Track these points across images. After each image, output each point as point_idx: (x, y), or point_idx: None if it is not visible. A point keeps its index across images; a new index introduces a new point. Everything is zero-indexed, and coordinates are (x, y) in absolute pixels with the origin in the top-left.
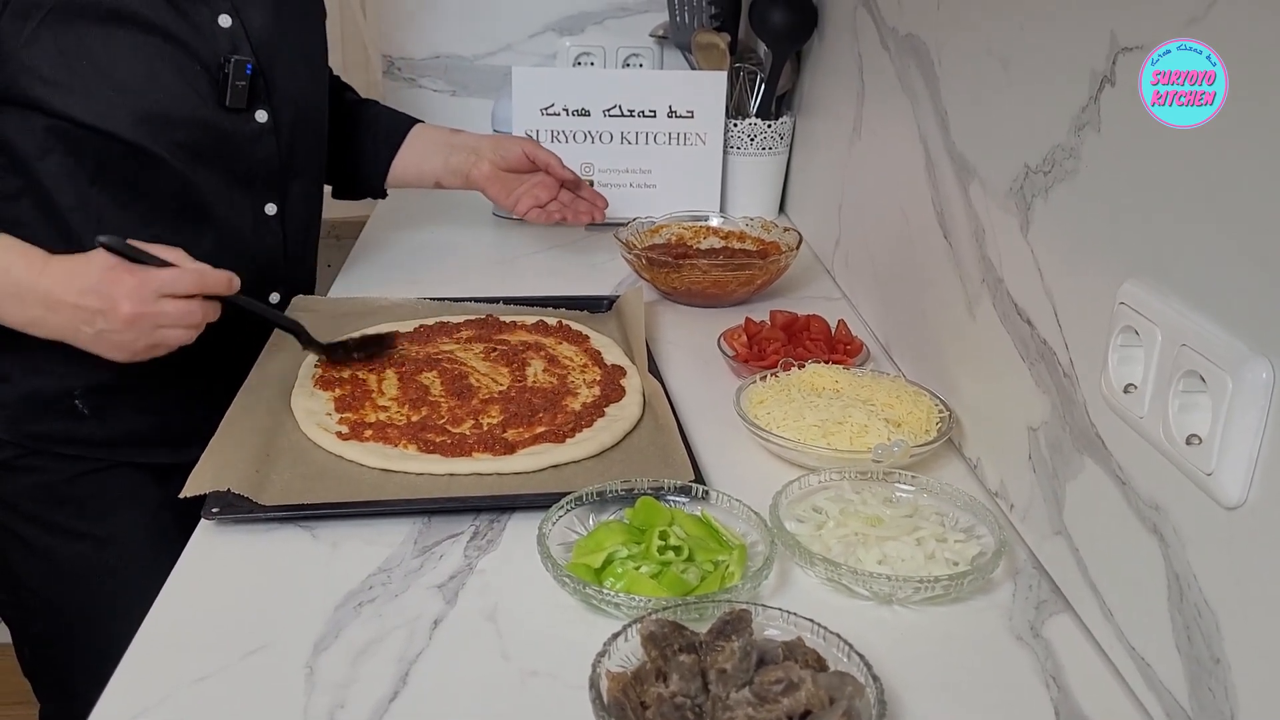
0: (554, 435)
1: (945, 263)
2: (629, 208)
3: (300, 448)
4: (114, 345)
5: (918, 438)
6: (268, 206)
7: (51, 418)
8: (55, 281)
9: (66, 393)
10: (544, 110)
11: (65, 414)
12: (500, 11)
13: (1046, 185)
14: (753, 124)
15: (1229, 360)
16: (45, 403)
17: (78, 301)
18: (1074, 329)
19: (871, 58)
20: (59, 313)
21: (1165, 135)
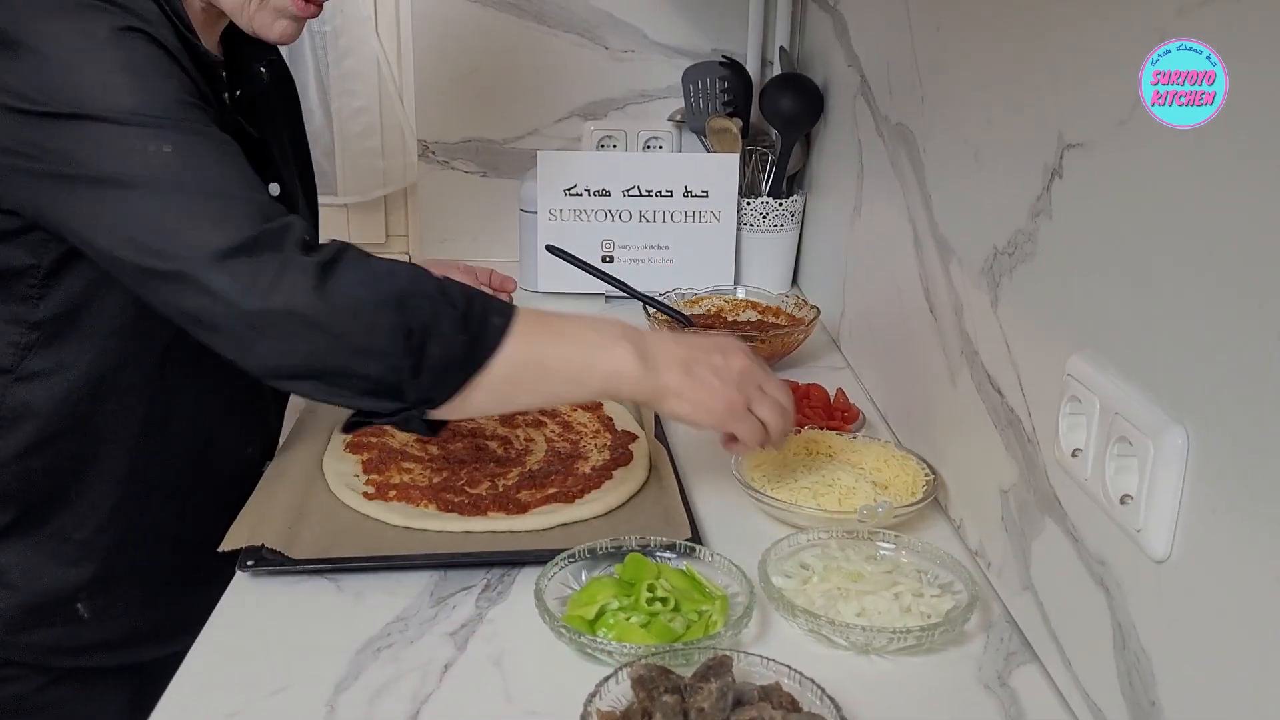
0: (564, 496)
1: (931, 335)
2: (647, 282)
3: (329, 506)
4: (713, 390)
5: (903, 499)
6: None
7: (49, 625)
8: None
9: (71, 597)
10: (567, 190)
11: (65, 620)
12: (528, 98)
13: (1011, 266)
14: (765, 202)
15: (1151, 427)
16: (47, 610)
17: (696, 342)
18: (1035, 398)
19: (869, 143)
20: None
21: (1106, 223)
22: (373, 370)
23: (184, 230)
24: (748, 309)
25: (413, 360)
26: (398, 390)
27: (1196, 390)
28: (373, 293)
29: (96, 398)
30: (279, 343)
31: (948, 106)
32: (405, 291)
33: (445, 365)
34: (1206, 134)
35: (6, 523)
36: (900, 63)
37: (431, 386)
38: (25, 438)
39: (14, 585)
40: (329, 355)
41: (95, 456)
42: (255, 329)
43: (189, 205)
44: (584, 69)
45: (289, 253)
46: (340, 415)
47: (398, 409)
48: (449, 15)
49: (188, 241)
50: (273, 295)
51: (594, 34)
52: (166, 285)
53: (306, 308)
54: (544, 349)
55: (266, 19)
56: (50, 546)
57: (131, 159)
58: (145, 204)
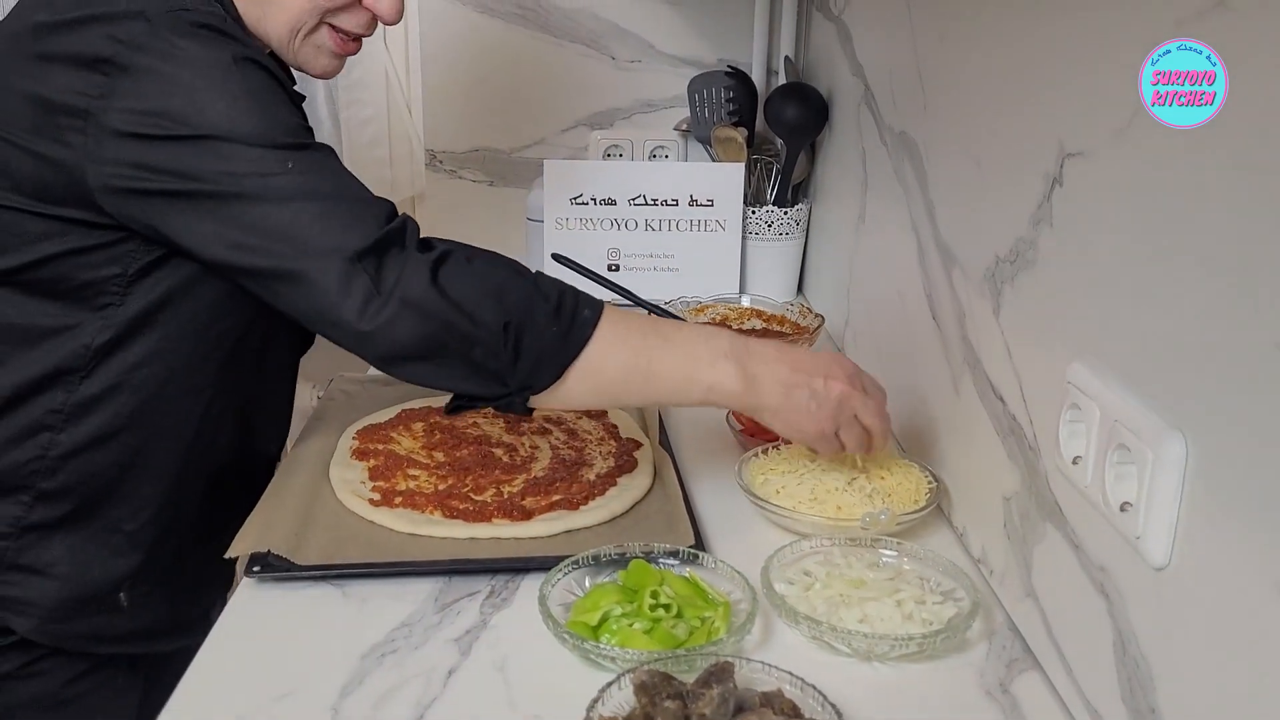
0: (568, 503)
1: (935, 343)
2: (653, 290)
3: (336, 513)
4: (808, 414)
5: (905, 507)
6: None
7: (93, 615)
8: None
9: (115, 587)
10: (573, 200)
11: (108, 609)
12: (535, 108)
13: (1013, 274)
14: (770, 211)
15: (1150, 434)
16: (92, 600)
17: (801, 362)
18: (1036, 405)
19: (873, 151)
20: (775, 368)
21: (1106, 231)
22: (478, 356)
23: (317, 235)
24: (753, 317)
25: (512, 349)
26: (500, 376)
27: (1195, 398)
28: (478, 286)
29: (161, 397)
30: (399, 331)
31: (950, 115)
32: (504, 285)
33: (540, 354)
34: (1204, 143)
35: (61, 515)
36: (903, 72)
37: (530, 374)
38: (89, 433)
39: (63, 577)
40: (442, 341)
41: (152, 451)
42: (379, 322)
43: (319, 212)
44: (590, 79)
45: (409, 250)
46: (345, 420)
47: (501, 393)
48: (457, 26)
49: (322, 245)
50: (398, 288)
51: (600, 44)
52: (297, 288)
53: (424, 299)
54: (653, 354)
55: (309, 54)
56: (102, 538)
57: (260, 175)
58: (277, 213)
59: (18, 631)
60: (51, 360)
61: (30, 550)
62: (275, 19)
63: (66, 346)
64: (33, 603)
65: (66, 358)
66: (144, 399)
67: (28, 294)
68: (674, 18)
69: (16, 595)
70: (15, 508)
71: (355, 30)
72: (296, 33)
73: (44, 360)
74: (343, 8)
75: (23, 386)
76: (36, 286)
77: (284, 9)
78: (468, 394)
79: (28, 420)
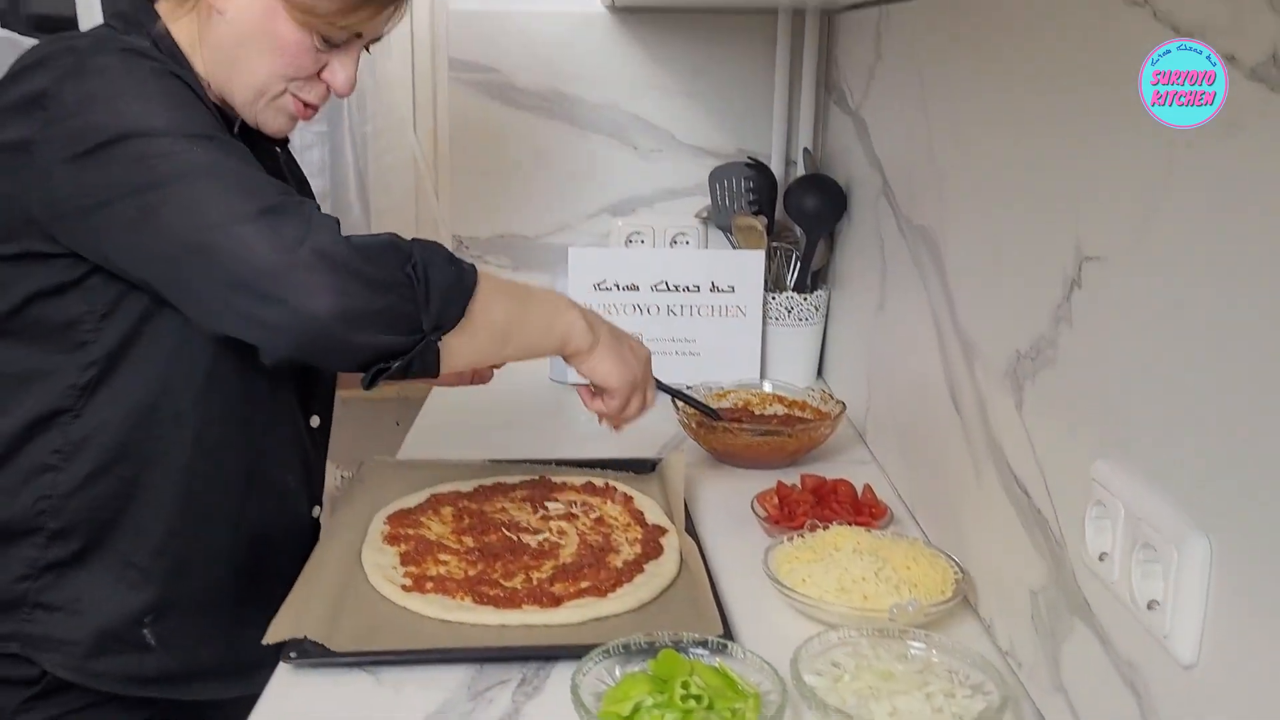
0: (597, 590)
1: (956, 432)
2: (675, 375)
3: (368, 598)
4: (629, 364)
5: (932, 598)
6: (312, 419)
7: (120, 652)
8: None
9: (137, 622)
10: (597, 286)
11: (134, 647)
12: (559, 195)
13: (1034, 370)
14: (790, 297)
15: (1174, 534)
16: (116, 636)
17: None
18: (1061, 500)
19: (891, 241)
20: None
21: (1126, 333)
22: (393, 300)
23: (218, 204)
24: (774, 402)
25: (422, 287)
26: (414, 319)
27: (1219, 498)
28: (377, 240)
29: (147, 424)
30: (314, 282)
31: (968, 211)
32: (396, 240)
33: (446, 289)
34: (1217, 259)
35: (74, 551)
36: (920, 167)
37: (440, 312)
38: (86, 467)
39: (85, 612)
40: (357, 290)
41: (148, 481)
42: (291, 274)
43: (220, 186)
44: (614, 167)
45: (311, 210)
46: (375, 503)
47: (417, 340)
48: (484, 116)
49: (223, 211)
50: (307, 240)
51: (624, 135)
52: (211, 266)
53: (333, 249)
54: (523, 300)
55: (269, 116)
56: (116, 572)
57: (167, 161)
58: (187, 192)
59: (49, 669)
60: (44, 403)
61: (51, 589)
62: (241, 82)
63: (55, 388)
64: (61, 639)
65: (56, 399)
66: (131, 430)
67: (12, 342)
68: (695, 110)
69: (44, 633)
70: (31, 549)
71: (313, 100)
72: (261, 96)
73: (37, 404)
74: (304, 80)
75: (22, 431)
76: (18, 333)
77: (251, 75)
78: (386, 348)
79: (30, 463)
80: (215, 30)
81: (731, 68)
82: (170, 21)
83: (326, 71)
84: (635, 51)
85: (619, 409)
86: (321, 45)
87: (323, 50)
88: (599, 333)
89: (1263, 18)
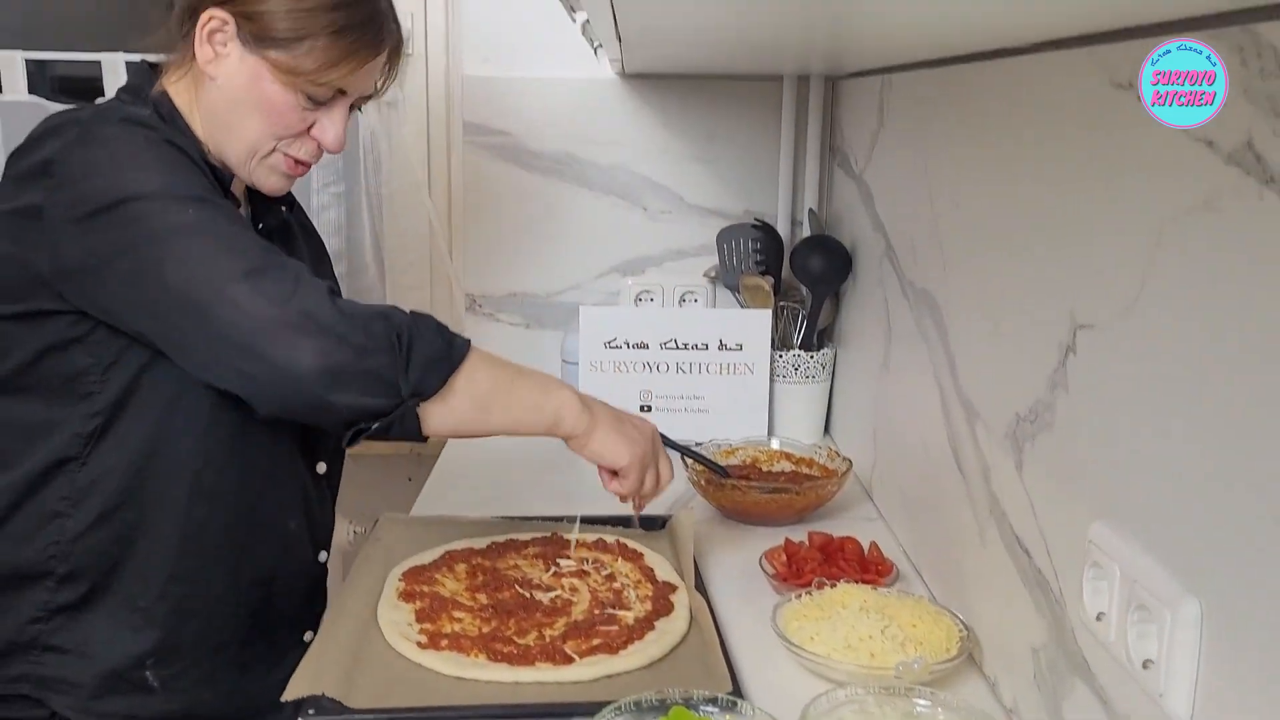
0: (608, 647)
1: (960, 492)
2: (684, 431)
3: (385, 655)
4: (633, 440)
5: (938, 656)
6: (319, 465)
7: (123, 693)
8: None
9: (139, 664)
10: (607, 344)
11: (137, 688)
12: (570, 255)
13: (1033, 433)
14: (796, 355)
15: (1167, 597)
16: (120, 677)
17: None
18: (1060, 561)
19: (895, 303)
20: (606, 405)
21: (1120, 399)
22: (373, 364)
23: (209, 264)
24: (782, 459)
25: (405, 356)
26: (394, 384)
27: (1208, 563)
28: (368, 308)
29: (149, 470)
30: (298, 343)
31: (968, 277)
32: (390, 310)
33: (429, 360)
34: (1202, 329)
35: (82, 595)
36: (922, 232)
37: (420, 379)
38: (92, 513)
39: (92, 655)
40: (339, 353)
41: (150, 525)
42: (276, 332)
43: (211, 246)
44: (623, 228)
45: (301, 272)
46: (391, 560)
47: (395, 404)
48: (497, 178)
49: (214, 270)
50: (293, 301)
51: (634, 196)
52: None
53: (322, 312)
54: (512, 378)
55: (263, 175)
56: (121, 615)
57: (161, 221)
58: (176, 253)
59: (57, 710)
60: (53, 452)
61: (61, 631)
62: (235, 143)
63: (63, 437)
64: (70, 681)
65: (64, 448)
66: (133, 476)
67: (24, 396)
68: (703, 173)
69: (54, 675)
70: (43, 593)
71: (304, 157)
72: (253, 156)
73: (47, 453)
74: (294, 137)
75: (35, 478)
76: (30, 388)
77: (242, 136)
78: (365, 410)
79: (41, 509)
80: (209, 95)
81: (739, 132)
82: (172, 89)
83: (316, 129)
84: (645, 116)
85: (635, 487)
86: (308, 104)
87: (309, 109)
88: (597, 414)
89: (1238, 106)
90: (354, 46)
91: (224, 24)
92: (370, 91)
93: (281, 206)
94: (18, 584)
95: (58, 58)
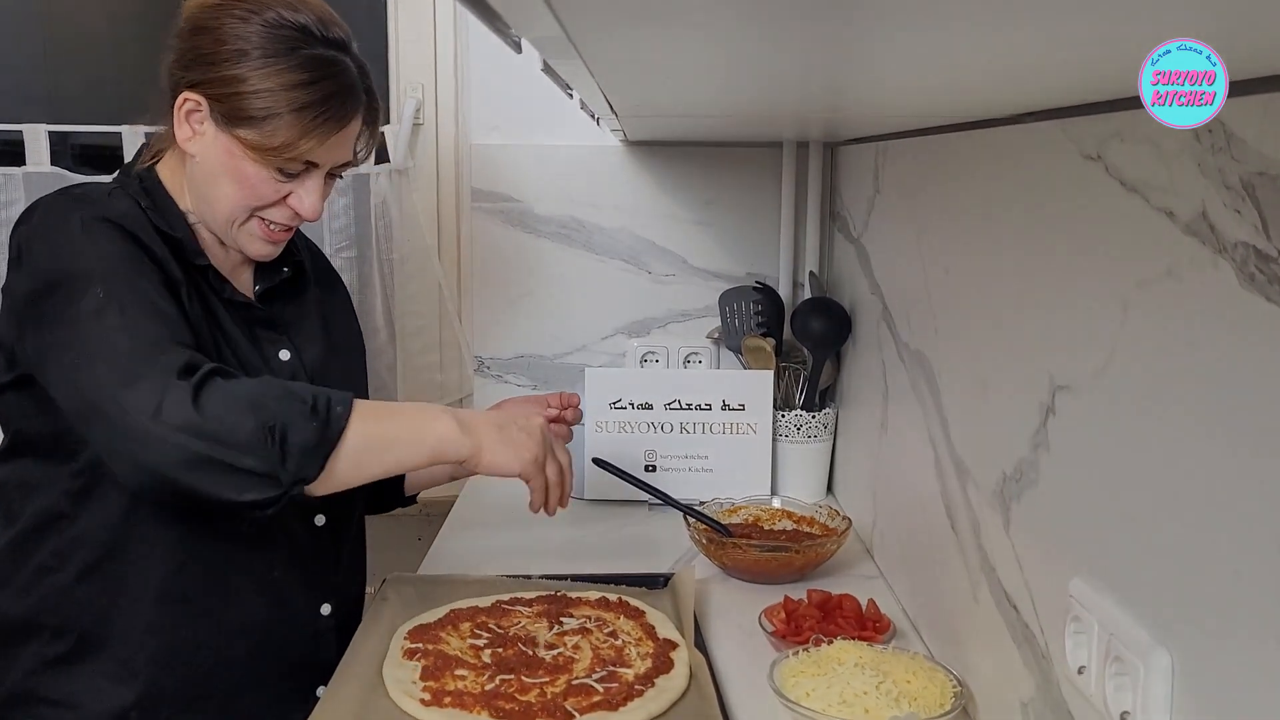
0: (608, 704)
1: (954, 550)
2: (688, 490)
3: (389, 713)
4: (522, 444)
5: (932, 711)
6: (316, 518)
7: None
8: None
9: (123, 715)
10: (612, 404)
11: None
12: (576, 317)
13: (1019, 491)
14: (798, 415)
15: (1140, 649)
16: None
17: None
18: (1046, 616)
19: (891, 364)
20: (484, 416)
21: (1095, 458)
22: (248, 463)
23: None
24: (783, 518)
25: (279, 450)
26: (274, 477)
27: (1178, 616)
28: (235, 402)
29: (130, 525)
30: (169, 451)
31: (958, 340)
32: (257, 397)
33: (304, 449)
34: (1169, 391)
35: (71, 647)
36: (916, 296)
37: (299, 469)
38: (78, 567)
39: (79, 706)
40: (212, 455)
41: (133, 579)
42: (142, 434)
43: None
44: (628, 291)
45: (170, 380)
46: (397, 619)
47: (279, 494)
48: (504, 243)
49: (102, 377)
50: (161, 408)
51: (638, 260)
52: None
53: (186, 423)
54: (385, 425)
55: (245, 240)
56: (107, 668)
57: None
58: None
59: None
60: (45, 508)
61: (53, 683)
62: (213, 212)
63: (53, 494)
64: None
65: (54, 504)
66: (115, 530)
67: (24, 455)
68: (705, 237)
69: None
70: (39, 645)
71: (281, 223)
72: (231, 223)
73: (39, 509)
74: (269, 205)
75: (31, 533)
76: (27, 449)
77: (219, 205)
78: (251, 504)
79: (36, 564)
80: (191, 170)
81: (741, 196)
82: (162, 164)
83: (293, 199)
84: (649, 181)
85: (542, 485)
86: (280, 176)
87: (283, 180)
88: (478, 432)
89: (1192, 178)
90: (317, 122)
91: (199, 105)
92: (346, 159)
93: (284, 267)
94: (21, 636)
95: (79, 130)
